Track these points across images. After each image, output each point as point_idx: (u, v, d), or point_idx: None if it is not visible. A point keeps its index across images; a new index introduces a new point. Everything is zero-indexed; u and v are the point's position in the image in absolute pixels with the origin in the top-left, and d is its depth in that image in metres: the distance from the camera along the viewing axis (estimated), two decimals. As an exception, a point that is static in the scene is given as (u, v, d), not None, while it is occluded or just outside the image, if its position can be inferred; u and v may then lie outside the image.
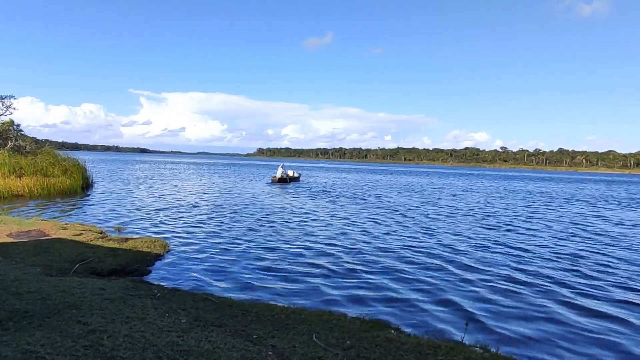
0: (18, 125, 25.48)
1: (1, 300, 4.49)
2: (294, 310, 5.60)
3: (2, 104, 24.17)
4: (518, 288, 7.91)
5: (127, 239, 9.83)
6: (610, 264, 10.17)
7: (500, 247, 11.83)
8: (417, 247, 11.30)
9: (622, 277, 8.98)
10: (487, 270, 9.10)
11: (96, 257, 7.96)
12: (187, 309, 5.04)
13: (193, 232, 12.26)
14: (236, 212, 16.99)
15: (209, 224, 13.96)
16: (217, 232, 12.45)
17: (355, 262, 9.48)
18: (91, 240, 9.32)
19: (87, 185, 23.88)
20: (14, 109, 24.60)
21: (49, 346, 3.37)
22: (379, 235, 13.02)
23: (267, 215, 16.54)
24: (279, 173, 36.64)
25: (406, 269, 8.99)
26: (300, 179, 43.06)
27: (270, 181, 37.38)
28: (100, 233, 10.54)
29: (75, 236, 9.57)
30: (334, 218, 16.50)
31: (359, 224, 15.21)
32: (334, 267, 8.92)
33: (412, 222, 16.01)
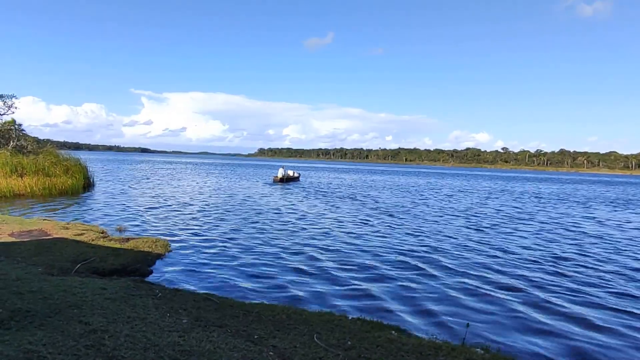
0: (20, 125, 25.55)
1: (3, 300, 4.50)
2: (295, 310, 5.60)
3: (4, 104, 24.23)
4: (515, 288, 7.91)
5: (128, 239, 9.84)
6: (597, 266, 10.17)
7: (491, 248, 11.79)
8: (409, 248, 11.29)
9: (611, 280, 8.98)
10: (481, 272, 9.10)
11: (98, 256, 7.97)
12: (189, 309, 5.04)
13: (194, 232, 12.27)
14: (237, 212, 17.00)
15: (210, 224, 13.97)
16: (218, 232, 12.45)
17: (349, 262, 9.48)
18: (92, 240, 9.33)
19: (88, 185, 23.90)
20: (16, 108, 24.68)
21: (51, 346, 3.38)
22: (371, 235, 13.02)
23: (268, 215, 16.55)
24: (280, 173, 38.22)
25: (399, 269, 8.99)
26: (300, 179, 44.19)
27: (272, 181, 39.00)
28: (102, 233, 10.55)
29: (77, 236, 9.58)
30: (330, 218, 16.51)
31: (351, 224, 15.22)
32: (335, 268, 8.93)
33: (402, 223, 16.00)
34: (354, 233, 13.27)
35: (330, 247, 10.94)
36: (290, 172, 41.11)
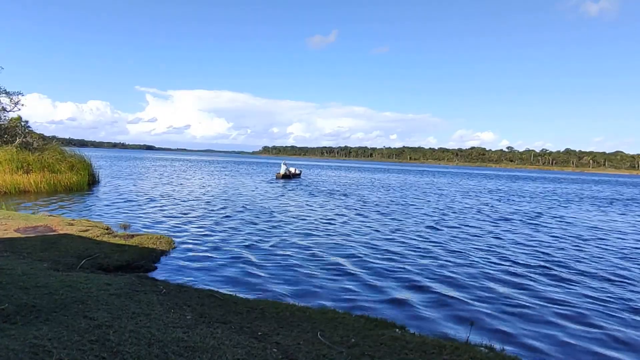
0: (26, 122, 25.74)
1: (9, 295, 4.53)
2: (299, 307, 5.60)
3: (10, 100, 24.37)
4: (514, 287, 7.87)
5: (133, 235, 9.88)
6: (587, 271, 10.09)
7: (481, 249, 11.75)
8: (401, 248, 11.27)
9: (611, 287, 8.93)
10: (471, 271, 9.06)
11: (102, 252, 8.01)
12: (193, 306, 5.06)
13: (198, 229, 12.30)
14: (241, 209, 17.02)
15: (214, 221, 14.00)
16: (222, 229, 12.47)
17: (343, 260, 9.47)
18: (97, 236, 9.38)
19: (93, 182, 24.06)
20: (22, 105, 24.81)
21: (56, 340, 3.40)
22: (364, 235, 13.00)
23: (271, 212, 16.56)
24: (282, 170, 39.85)
25: (391, 268, 8.97)
26: (301, 176, 45.52)
27: (275, 177, 40.40)
28: (107, 229, 10.60)
29: (82, 232, 9.64)
30: (329, 217, 16.52)
31: (344, 220, 15.21)
32: (347, 267, 8.93)
33: (393, 222, 15.97)
34: (352, 230, 13.28)
35: (330, 247, 10.95)
36: (292, 169, 42.57)
